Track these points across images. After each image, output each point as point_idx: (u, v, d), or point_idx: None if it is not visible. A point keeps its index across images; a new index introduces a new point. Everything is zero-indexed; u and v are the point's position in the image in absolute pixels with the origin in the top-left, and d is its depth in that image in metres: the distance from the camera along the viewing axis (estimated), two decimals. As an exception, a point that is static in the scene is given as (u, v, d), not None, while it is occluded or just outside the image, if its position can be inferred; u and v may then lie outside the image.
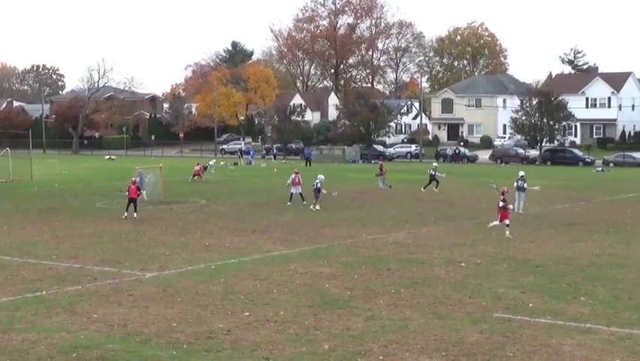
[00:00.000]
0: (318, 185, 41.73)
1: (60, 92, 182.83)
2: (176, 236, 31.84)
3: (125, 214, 37.08)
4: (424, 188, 51.11)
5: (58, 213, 39.84)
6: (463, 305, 19.88)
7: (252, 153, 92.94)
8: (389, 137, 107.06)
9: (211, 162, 71.12)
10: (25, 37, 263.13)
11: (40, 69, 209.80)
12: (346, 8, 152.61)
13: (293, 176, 43.79)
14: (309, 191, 42.71)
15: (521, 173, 40.92)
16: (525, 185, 39.68)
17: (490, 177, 53.83)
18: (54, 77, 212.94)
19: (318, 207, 40.82)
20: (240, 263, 25.79)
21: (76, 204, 44.28)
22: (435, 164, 58.30)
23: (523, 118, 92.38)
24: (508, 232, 31.20)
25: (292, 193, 43.16)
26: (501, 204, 31.66)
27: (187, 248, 28.81)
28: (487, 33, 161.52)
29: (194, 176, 59.31)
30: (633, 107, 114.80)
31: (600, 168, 77.72)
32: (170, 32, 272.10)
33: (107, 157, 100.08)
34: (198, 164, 61.68)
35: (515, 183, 39.94)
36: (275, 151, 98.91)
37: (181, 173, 64.41)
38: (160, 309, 19.45)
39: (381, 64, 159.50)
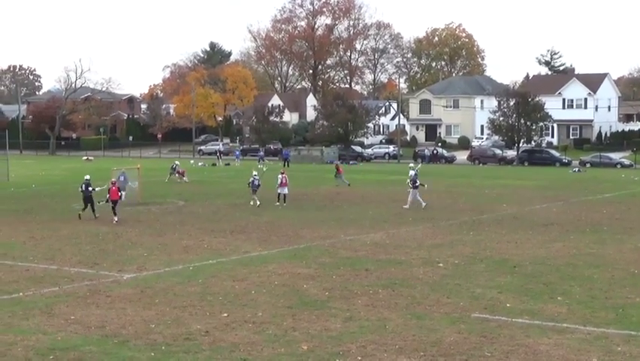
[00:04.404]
0: (256, 182, 43.21)
1: (37, 93, 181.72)
2: (154, 237, 31.74)
3: (115, 219, 35.77)
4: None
5: (35, 214, 39.61)
6: (441, 306, 19.95)
7: (237, 153, 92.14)
8: (367, 137, 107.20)
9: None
10: (2, 38, 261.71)
11: (17, 69, 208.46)
12: (324, 9, 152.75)
13: (280, 177, 44.07)
14: (295, 192, 42.61)
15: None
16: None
17: (467, 177, 53.89)
18: (31, 77, 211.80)
19: (258, 202, 42.29)
20: (218, 264, 25.75)
21: (53, 205, 44.02)
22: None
23: (501, 119, 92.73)
24: None
25: (279, 193, 43.71)
26: None
27: (165, 249, 28.73)
28: (464, 34, 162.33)
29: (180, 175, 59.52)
30: (609, 107, 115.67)
31: (577, 169, 78.14)
32: (147, 33, 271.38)
33: (85, 158, 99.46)
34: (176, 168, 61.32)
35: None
36: (262, 153, 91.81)
37: (159, 174, 64.12)
38: (138, 310, 19.39)
39: (359, 65, 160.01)
